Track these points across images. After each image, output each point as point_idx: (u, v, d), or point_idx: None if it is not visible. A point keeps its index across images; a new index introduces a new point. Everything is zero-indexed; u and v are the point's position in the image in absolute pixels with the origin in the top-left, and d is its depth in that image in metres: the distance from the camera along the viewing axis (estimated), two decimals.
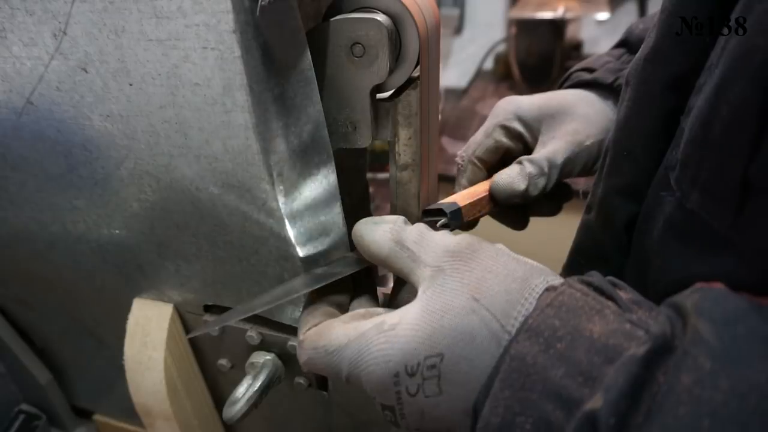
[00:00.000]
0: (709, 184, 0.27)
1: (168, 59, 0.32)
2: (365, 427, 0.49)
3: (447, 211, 0.42)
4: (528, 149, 0.52)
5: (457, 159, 0.54)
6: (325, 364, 0.32)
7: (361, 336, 0.30)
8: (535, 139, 0.52)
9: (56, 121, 0.37)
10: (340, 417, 0.50)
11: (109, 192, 0.40)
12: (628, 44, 0.55)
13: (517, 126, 0.52)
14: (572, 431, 0.23)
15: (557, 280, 0.29)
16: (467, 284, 0.29)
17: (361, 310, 0.33)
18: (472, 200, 0.46)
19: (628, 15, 1.53)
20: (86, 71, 0.34)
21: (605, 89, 0.53)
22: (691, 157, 0.28)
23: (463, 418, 0.29)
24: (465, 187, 0.52)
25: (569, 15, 1.46)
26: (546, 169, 0.49)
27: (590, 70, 0.55)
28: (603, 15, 1.54)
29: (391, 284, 0.50)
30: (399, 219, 0.33)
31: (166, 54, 0.32)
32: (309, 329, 0.33)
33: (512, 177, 0.47)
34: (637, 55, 0.36)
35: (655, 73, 0.34)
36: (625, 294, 0.28)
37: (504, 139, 0.52)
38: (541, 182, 0.50)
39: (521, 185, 0.48)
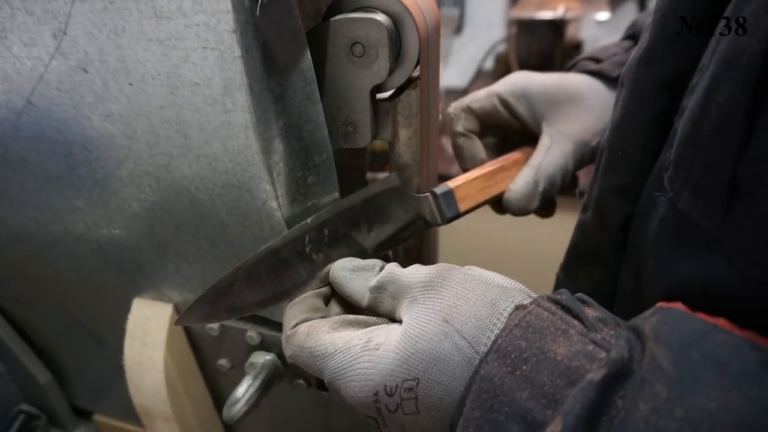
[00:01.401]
0: (699, 185, 0.27)
1: (168, 59, 0.32)
2: (365, 427, 0.49)
3: (438, 192, 0.42)
4: (525, 129, 0.52)
5: (450, 109, 0.54)
6: (308, 364, 0.33)
7: (347, 350, 0.31)
8: (536, 122, 0.51)
9: (56, 121, 0.37)
10: (339, 417, 0.50)
11: (109, 192, 0.40)
12: (635, 37, 0.55)
13: (521, 106, 0.51)
14: None
15: (527, 299, 0.30)
16: (439, 310, 0.30)
17: (350, 317, 0.34)
18: (467, 182, 0.45)
19: (628, 15, 1.53)
20: (86, 71, 0.34)
21: (611, 80, 0.53)
22: (683, 157, 0.29)
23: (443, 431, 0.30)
24: (460, 134, 0.52)
25: (569, 15, 1.46)
26: (559, 180, 0.49)
27: (597, 60, 0.54)
28: (603, 15, 1.54)
29: None
30: (375, 266, 0.34)
31: (166, 54, 0.32)
32: (296, 325, 0.34)
33: (526, 196, 0.47)
34: (632, 55, 0.36)
35: (648, 73, 0.34)
36: (592, 311, 0.29)
37: (502, 110, 0.52)
38: (555, 191, 0.49)
39: (535, 203, 0.48)
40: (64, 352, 0.63)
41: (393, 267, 0.33)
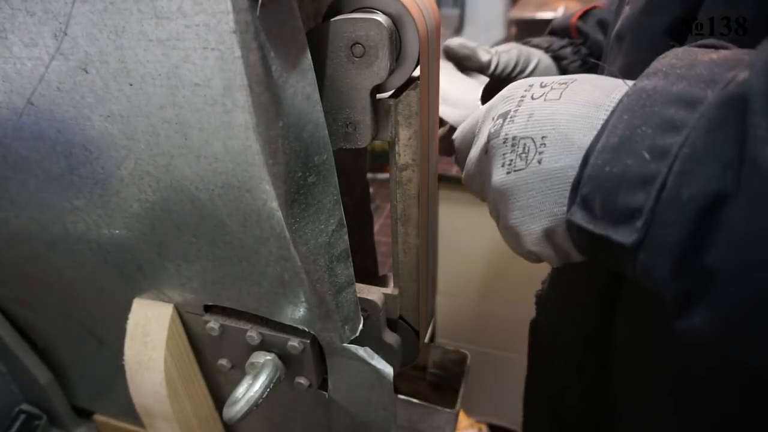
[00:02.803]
0: None
1: (168, 59, 0.32)
2: (365, 428, 0.49)
3: None
4: None
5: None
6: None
7: None
8: None
9: (56, 121, 0.37)
10: (340, 417, 0.50)
11: (109, 192, 0.40)
12: (555, 33, 0.67)
13: None
14: (713, 108, 0.23)
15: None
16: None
17: None
18: None
19: None
20: (86, 72, 0.34)
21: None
22: None
23: (578, 117, 0.31)
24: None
25: None
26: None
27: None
28: None
29: (391, 284, 0.50)
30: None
31: (166, 54, 0.32)
32: None
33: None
34: (627, 13, 0.40)
35: (652, 23, 0.38)
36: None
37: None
38: (506, 58, 0.59)
39: (485, 56, 0.57)
40: (64, 352, 0.63)
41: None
